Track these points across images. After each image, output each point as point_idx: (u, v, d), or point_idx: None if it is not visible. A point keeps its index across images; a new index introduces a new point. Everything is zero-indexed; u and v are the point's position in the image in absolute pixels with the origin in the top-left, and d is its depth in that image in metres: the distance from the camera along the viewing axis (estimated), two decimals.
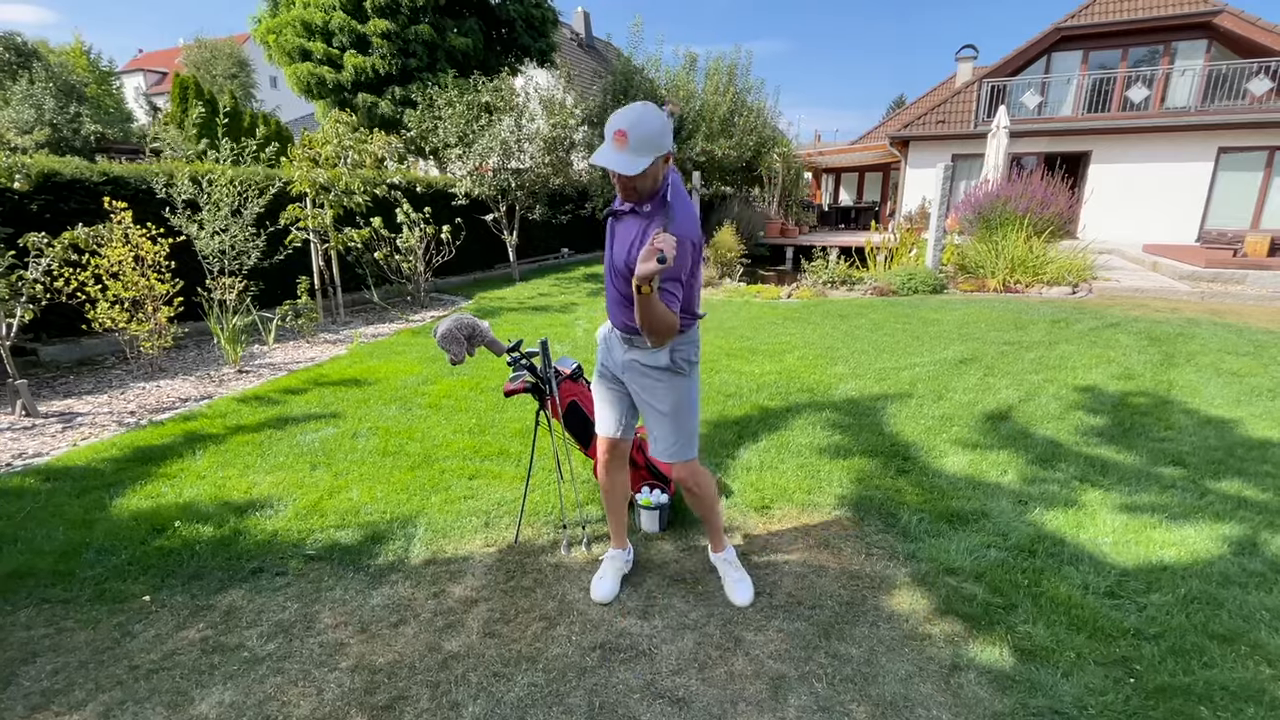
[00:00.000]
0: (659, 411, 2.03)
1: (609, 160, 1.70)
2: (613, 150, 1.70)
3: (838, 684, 1.85)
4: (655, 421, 2.06)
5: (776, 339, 6.02)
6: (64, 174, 5.38)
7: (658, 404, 2.03)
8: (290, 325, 6.30)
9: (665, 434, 2.05)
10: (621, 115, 1.71)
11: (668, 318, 1.73)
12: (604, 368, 2.16)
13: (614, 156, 1.70)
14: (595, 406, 2.24)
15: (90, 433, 3.80)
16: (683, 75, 14.29)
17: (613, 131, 1.69)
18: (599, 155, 1.72)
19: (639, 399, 2.08)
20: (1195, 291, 8.29)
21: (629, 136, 1.68)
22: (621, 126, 1.68)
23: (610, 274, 1.96)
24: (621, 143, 1.68)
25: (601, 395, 2.19)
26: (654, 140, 1.70)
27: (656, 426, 2.06)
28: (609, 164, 1.70)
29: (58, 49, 26.00)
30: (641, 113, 1.70)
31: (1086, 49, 14.48)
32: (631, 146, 1.69)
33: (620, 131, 1.68)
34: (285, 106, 32.05)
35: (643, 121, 1.69)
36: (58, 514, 2.77)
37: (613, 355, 2.10)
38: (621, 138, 1.68)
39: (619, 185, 1.81)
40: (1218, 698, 1.77)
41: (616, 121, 1.70)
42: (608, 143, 1.71)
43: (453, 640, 2.04)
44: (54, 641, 2.03)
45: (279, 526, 2.69)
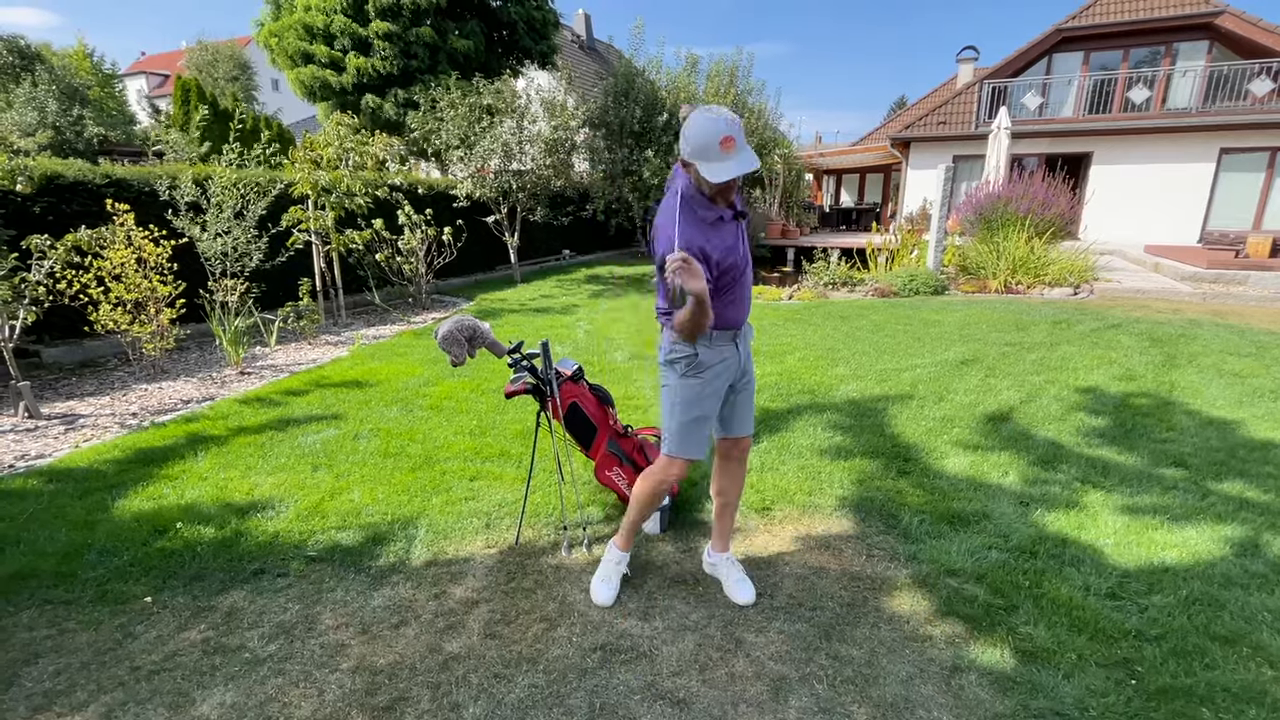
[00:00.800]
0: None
1: (743, 165, 1.74)
2: (732, 158, 1.74)
3: (839, 685, 1.85)
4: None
5: (778, 340, 6.01)
6: (67, 176, 5.40)
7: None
8: (292, 327, 6.32)
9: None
10: (718, 125, 1.72)
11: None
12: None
13: (739, 159, 1.75)
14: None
15: (92, 434, 3.81)
16: (684, 77, 14.29)
17: (719, 141, 1.72)
18: (729, 170, 1.74)
19: None
20: (1197, 292, 8.28)
21: (735, 137, 1.73)
22: (728, 133, 1.72)
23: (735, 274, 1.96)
24: (731, 146, 1.73)
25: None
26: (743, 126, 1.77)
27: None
28: (746, 168, 1.74)
29: (61, 52, 26.06)
30: (728, 114, 1.75)
31: (1087, 50, 14.47)
32: (739, 144, 1.75)
33: (728, 138, 1.72)
34: (287, 109, 32.11)
35: (734, 119, 1.75)
36: (60, 515, 2.78)
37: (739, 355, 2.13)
38: (730, 142, 1.73)
39: (729, 190, 1.85)
40: (1219, 699, 1.77)
41: (717, 131, 1.72)
42: (717, 154, 1.74)
43: (454, 641, 2.04)
44: (56, 642, 2.03)
45: (280, 528, 2.70)
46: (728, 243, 1.89)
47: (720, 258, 1.86)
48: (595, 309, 7.99)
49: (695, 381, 2.00)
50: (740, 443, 2.23)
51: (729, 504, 2.30)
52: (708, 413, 2.05)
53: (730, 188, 1.84)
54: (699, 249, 1.79)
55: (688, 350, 1.98)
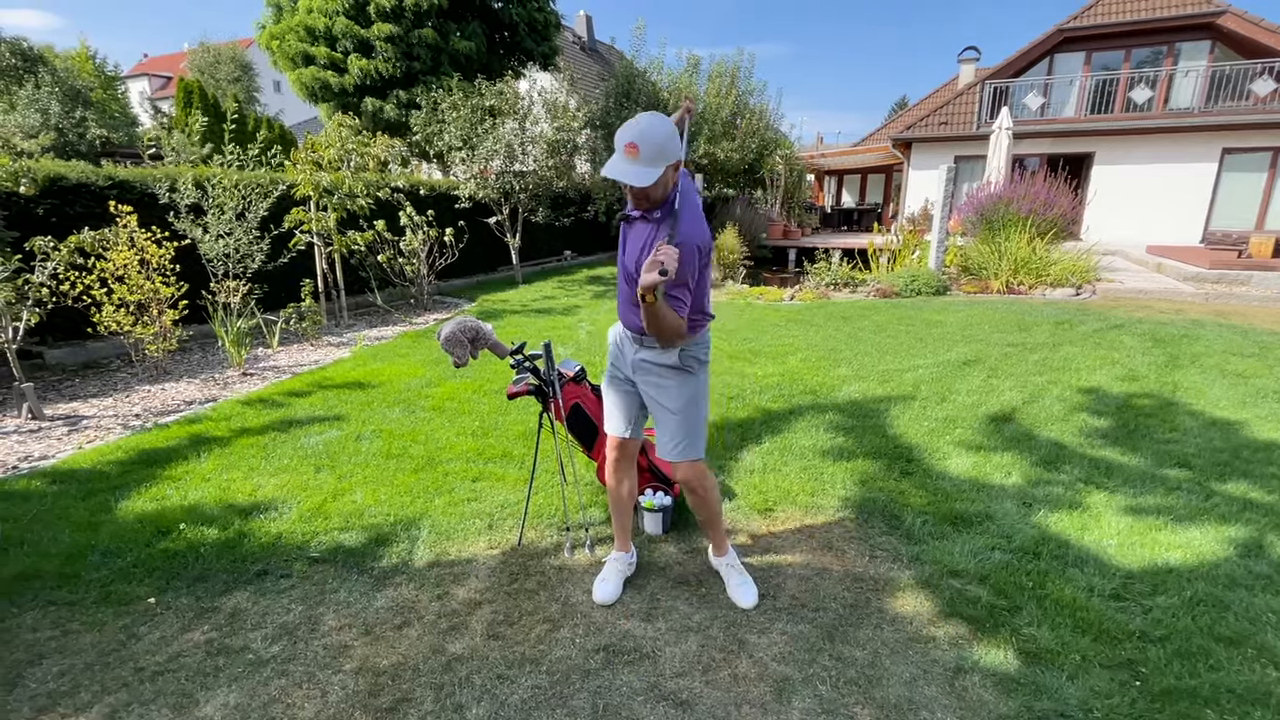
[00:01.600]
0: (668, 410, 2.05)
1: (620, 173, 1.72)
2: (624, 162, 1.72)
3: (842, 686, 1.85)
4: (664, 421, 2.08)
5: (779, 341, 6.01)
6: (70, 178, 5.41)
7: (667, 403, 2.05)
8: (294, 328, 6.33)
9: (673, 433, 2.07)
10: (631, 128, 1.72)
11: (674, 322, 1.75)
12: (614, 368, 2.18)
13: (626, 168, 1.72)
14: (605, 407, 2.25)
15: (95, 435, 3.82)
16: (685, 78, 14.30)
17: (623, 144, 1.71)
18: (610, 168, 1.73)
19: (649, 398, 2.10)
20: (1200, 293, 8.26)
21: (639, 148, 1.70)
22: (631, 139, 1.70)
23: (621, 276, 1.99)
24: (633, 154, 1.71)
25: (611, 396, 2.21)
26: (663, 149, 1.72)
27: (665, 425, 2.08)
28: (620, 176, 1.72)
29: (63, 54, 26.13)
30: (650, 123, 1.72)
31: (1089, 50, 14.46)
32: (642, 157, 1.71)
33: (630, 144, 1.70)
34: (289, 110, 32.20)
35: (651, 132, 1.71)
36: (64, 516, 2.78)
37: (624, 355, 2.12)
38: (633, 150, 1.70)
39: (630, 194, 1.83)
40: (1224, 701, 1.77)
41: (626, 134, 1.72)
42: (618, 155, 1.73)
43: (456, 642, 2.04)
44: (60, 643, 2.03)
45: (283, 529, 2.70)
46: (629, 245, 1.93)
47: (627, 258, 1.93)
48: (597, 310, 7.99)
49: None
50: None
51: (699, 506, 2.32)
52: None
53: (632, 194, 1.82)
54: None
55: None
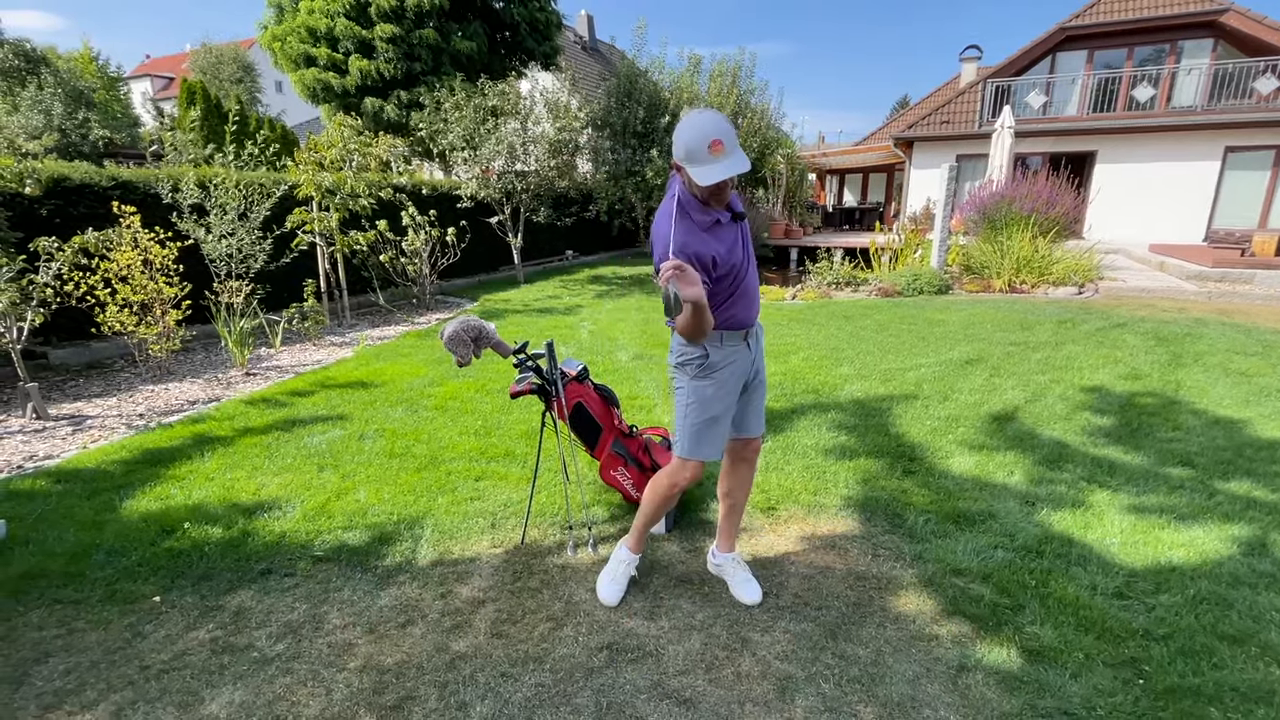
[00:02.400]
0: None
1: (731, 168, 1.71)
2: (720, 160, 1.72)
3: (845, 685, 1.85)
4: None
5: (782, 340, 6.01)
6: (73, 179, 5.43)
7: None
8: (297, 328, 6.34)
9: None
10: (705, 128, 1.71)
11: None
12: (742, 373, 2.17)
13: (727, 162, 1.72)
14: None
15: (100, 435, 3.83)
16: (686, 78, 14.28)
17: (707, 145, 1.70)
18: (717, 172, 1.71)
19: None
20: (1203, 291, 8.25)
21: (724, 141, 1.71)
22: (715, 136, 1.70)
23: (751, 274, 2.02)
24: (720, 150, 1.71)
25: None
26: (734, 133, 1.75)
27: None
28: (733, 171, 1.71)
29: (66, 55, 26.22)
30: (716, 117, 1.74)
31: (1091, 48, 14.43)
32: (728, 148, 1.72)
33: (716, 141, 1.70)
34: (291, 110, 32.26)
35: (722, 123, 1.73)
36: (68, 516, 2.80)
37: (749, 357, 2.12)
38: (719, 146, 1.70)
39: (718, 193, 1.81)
40: (1228, 699, 1.76)
41: (705, 134, 1.70)
42: (706, 158, 1.71)
43: (460, 641, 2.05)
44: (66, 642, 2.04)
45: (287, 528, 2.71)
46: (725, 245, 1.87)
47: (718, 260, 1.84)
48: (599, 309, 7.99)
49: (708, 383, 1.98)
50: (751, 443, 2.23)
51: (736, 505, 2.30)
52: (721, 414, 2.02)
53: (723, 190, 1.81)
54: (693, 254, 1.77)
55: (698, 352, 1.96)
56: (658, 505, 2.19)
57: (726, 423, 2.07)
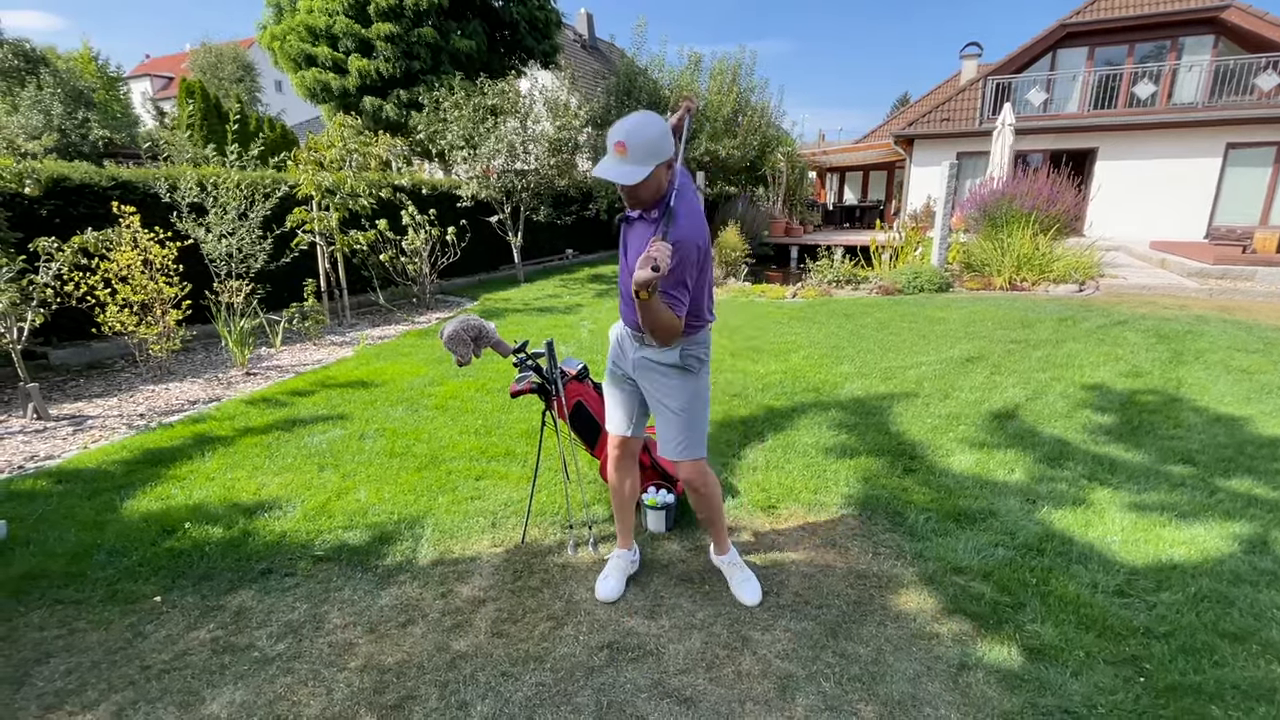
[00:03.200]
0: (669, 409, 2.05)
1: (609, 172, 1.72)
2: (614, 161, 1.72)
3: (845, 683, 1.85)
4: (665, 419, 2.07)
5: (782, 338, 6.01)
6: (73, 179, 5.43)
7: (669, 401, 2.04)
8: (297, 328, 6.34)
9: (675, 432, 2.06)
10: (620, 126, 1.71)
11: (669, 321, 1.74)
12: (616, 366, 2.18)
13: (614, 168, 1.72)
14: (606, 405, 2.26)
15: (100, 435, 3.83)
16: (686, 76, 14.27)
17: (612, 143, 1.71)
18: (600, 168, 1.74)
19: (650, 397, 2.10)
20: (1204, 288, 8.23)
21: (628, 146, 1.69)
22: (619, 138, 1.69)
23: (623, 275, 2.00)
24: (621, 153, 1.70)
25: (612, 394, 2.21)
26: (653, 148, 1.71)
27: (667, 424, 2.07)
28: (609, 175, 1.72)
29: (65, 55, 26.19)
30: (639, 122, 1.71)
31: (1092, 45, 14.39)
32: (631, 156, 1.70)
33: (619, 143, 1.69)
34: (291, 110, 32.23)
35: (641, 130, 1.69)
36: (69, 516, 2.80)
37: (625, 354, 2.13)
38: (621, 149, 1.69)
39: (624, 194, 1.83)
40: (1229, 697, 1.76)
41: (615, 133, 1.71)
42: (609, 154, 1.73)
43: (461, 640, 2.05)
44: (67, 642, 2.05)
45: (288, 528, 2.71)
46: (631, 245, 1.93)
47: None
48: (599, 308, 7.99)
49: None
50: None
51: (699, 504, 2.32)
52: None
53: (625, 192, 1.81)
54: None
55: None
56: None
57: None
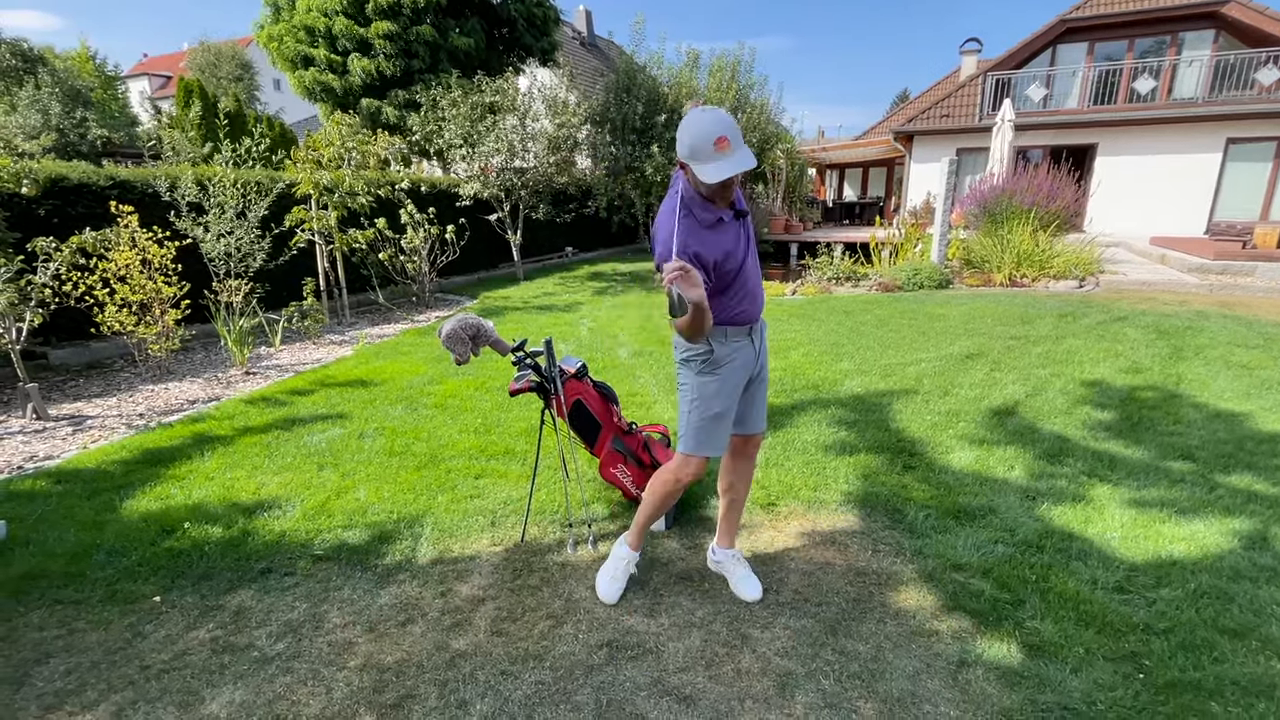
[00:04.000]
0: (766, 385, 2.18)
1: (737, 164, 1.71)
2: (727, 157, 1.71)
3: (845, 681, 1.85)
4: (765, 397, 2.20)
5: (782, 336, 6.00)
6: (71, 178, 5.42)
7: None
8: (296, 327, 6.34)
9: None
10: (708, 125, 1.71)
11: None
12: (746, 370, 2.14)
13: (734, 159, 1.71)
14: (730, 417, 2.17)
15: (100, 435, 3.83)
16: (685, 73, 14.23)
17: (712, 141, 1.70)
18: (722, 169, 1.71)
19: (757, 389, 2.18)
20: (1204, 284, 8.22)
21: (729, 138, 1.70)
22: (721, 133, 1.70)
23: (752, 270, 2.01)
24: (726, 147, 1.70)
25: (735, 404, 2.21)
26: (739, 130, 1.76)
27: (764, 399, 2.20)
28: (739, 168, 1.71)
29: (63, 54, 26.12)
30: (719, 114, 1.73)
31: (1092, 40, 14.36)
32: (734, 144, 1.71)
33: (722, 138, 1.70)
34: (289, 108, 32.15)
35: (726, 119, 1.72)
36: (69, 516, 2.80)
37: (757, 352, 2.11)
38: (724, 143, 1.70)
39: (727, 191, 1.81)
40: (1228, 693, 1.76)
41: (710, 131, 1.70)
42: (710, 155, 1.71)
43: (460, 639, 2.05)
44: (66, 642, 2.05)
45: (287, 527, 2.71)
46: (726, 245, 1.87)
47: (719, 260, 1.85)
48: (598, 306, 7.99)
49: (712, 379, 1.99)
50: (753, 440, 2.23)
51: (737, 501, 2.29)
52: (724, 410, 2.02)
53: (728, 187, 1.81)
54: (694, 254, 1.78)
55: (702, 348, 1.97)
56: (660, 501, 2.18)
57: (730, 419, 2.06)
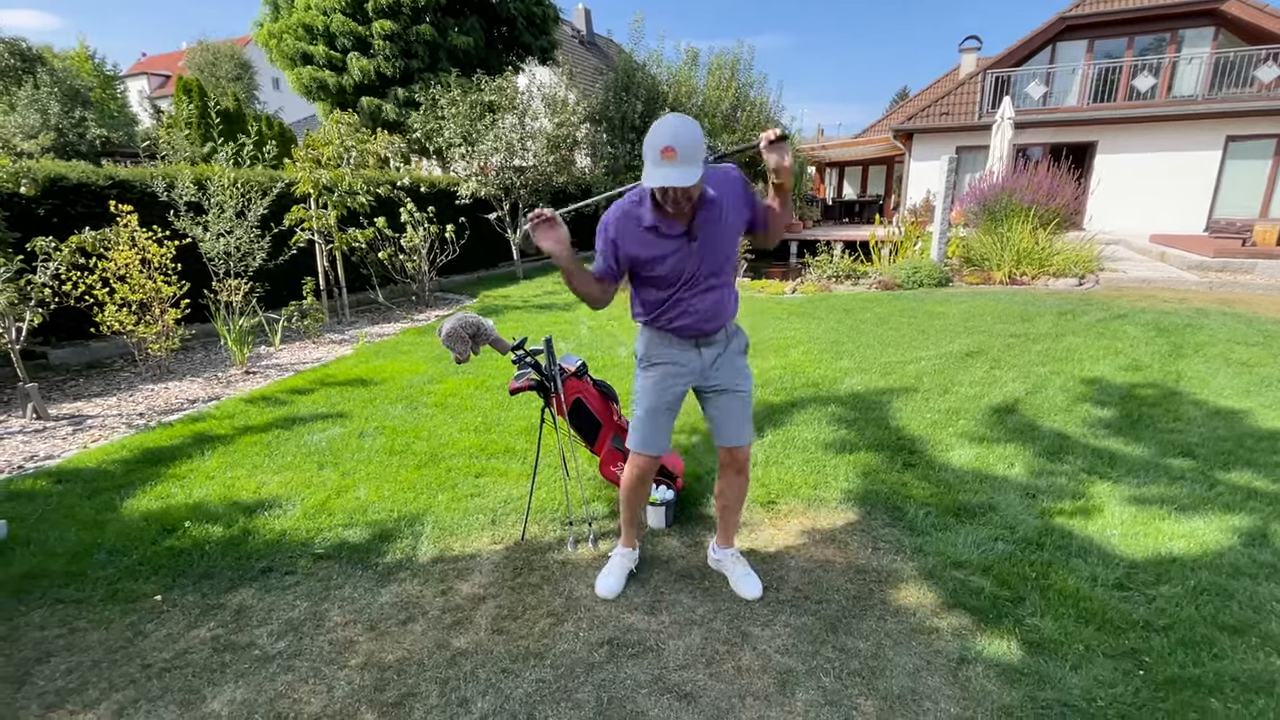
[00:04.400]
0: (744, 391, 2.13)
1: (668, 178, 1.68)
2: (667, 167, 1.68)
3: (845, 678, 1.85)
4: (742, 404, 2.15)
5: (781, 334, 6.00)
6: (70, 178, 5.42)
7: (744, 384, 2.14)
8: (296, 326, 6.34)
9: (749, 413, 2.17)
10: (662, 133, 1.69)
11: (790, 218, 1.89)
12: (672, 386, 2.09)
13: (671, 172, 1.68)
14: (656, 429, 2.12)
15: (100, 435, 3.83)
16: (685, 71, 14.25)
17: (659, 150, 1.68)
18: (654, 177, 1.70)
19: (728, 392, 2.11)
20: (1204, 281, 8.22)
21: (677, 150, 1.67)
22: (667, 143, 1.67)
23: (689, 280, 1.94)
24: (671, 157, 1.68)
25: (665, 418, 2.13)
26: (699, 146, 1.70)
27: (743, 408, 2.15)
28: (670, 182, 1.68)
29: (62, 54, 26.13)
30: (680, 124, 1.70)
31: (1092, 38, 14.36)
32: (682, 159, 1.68)
33: (667, 148, 1.67)
34: (288, 107, 32.13)
35: (684, 132, 1.69)
36: (69, 515, 2.80)
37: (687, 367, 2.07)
38: (670, 153, 1.67)
39: (673, 200, 1.78)
40: (1228, 689, 1.76)
41: (659, 139, 1.68)
42: (656, 162, 1.69)
43: (461, 637, 2.05)
44: (67, 641, 2.05)
45: (287, 526, 2.71)
46: (656, 252, 1.89)
47: (643, 260, 1.91)
48: None
49: (643, 375, 2.12)
50: (734, 454, 2.17)
51: (729, 508, 2.31)
52: (654, 408, 2.08)
53: (677, 203, 1.78)
54: (611, 238, 1.92)
55: (640, 347, 2.11)
56: (626, 498, 2.28)
57: (662, 421, 2.11)
